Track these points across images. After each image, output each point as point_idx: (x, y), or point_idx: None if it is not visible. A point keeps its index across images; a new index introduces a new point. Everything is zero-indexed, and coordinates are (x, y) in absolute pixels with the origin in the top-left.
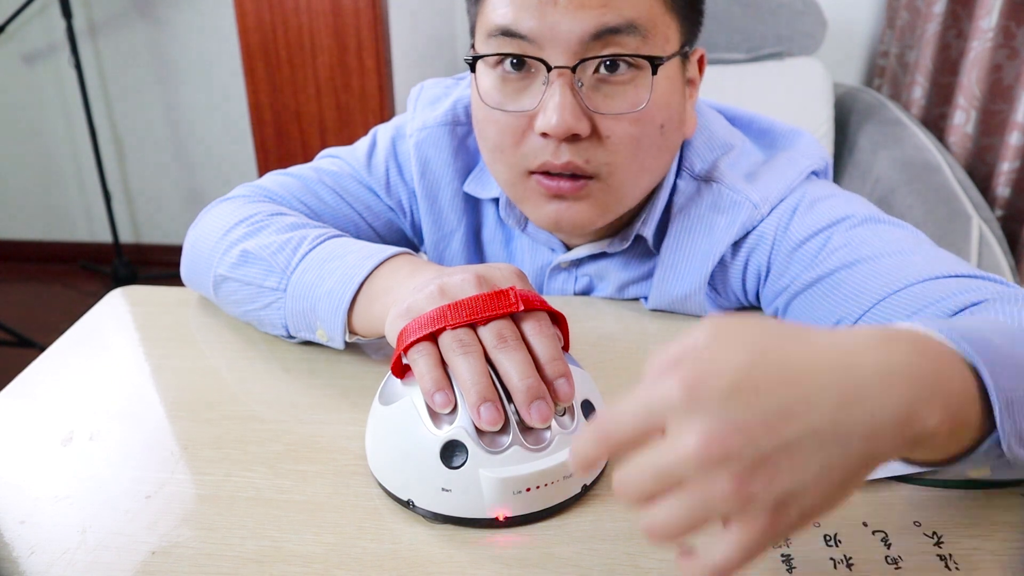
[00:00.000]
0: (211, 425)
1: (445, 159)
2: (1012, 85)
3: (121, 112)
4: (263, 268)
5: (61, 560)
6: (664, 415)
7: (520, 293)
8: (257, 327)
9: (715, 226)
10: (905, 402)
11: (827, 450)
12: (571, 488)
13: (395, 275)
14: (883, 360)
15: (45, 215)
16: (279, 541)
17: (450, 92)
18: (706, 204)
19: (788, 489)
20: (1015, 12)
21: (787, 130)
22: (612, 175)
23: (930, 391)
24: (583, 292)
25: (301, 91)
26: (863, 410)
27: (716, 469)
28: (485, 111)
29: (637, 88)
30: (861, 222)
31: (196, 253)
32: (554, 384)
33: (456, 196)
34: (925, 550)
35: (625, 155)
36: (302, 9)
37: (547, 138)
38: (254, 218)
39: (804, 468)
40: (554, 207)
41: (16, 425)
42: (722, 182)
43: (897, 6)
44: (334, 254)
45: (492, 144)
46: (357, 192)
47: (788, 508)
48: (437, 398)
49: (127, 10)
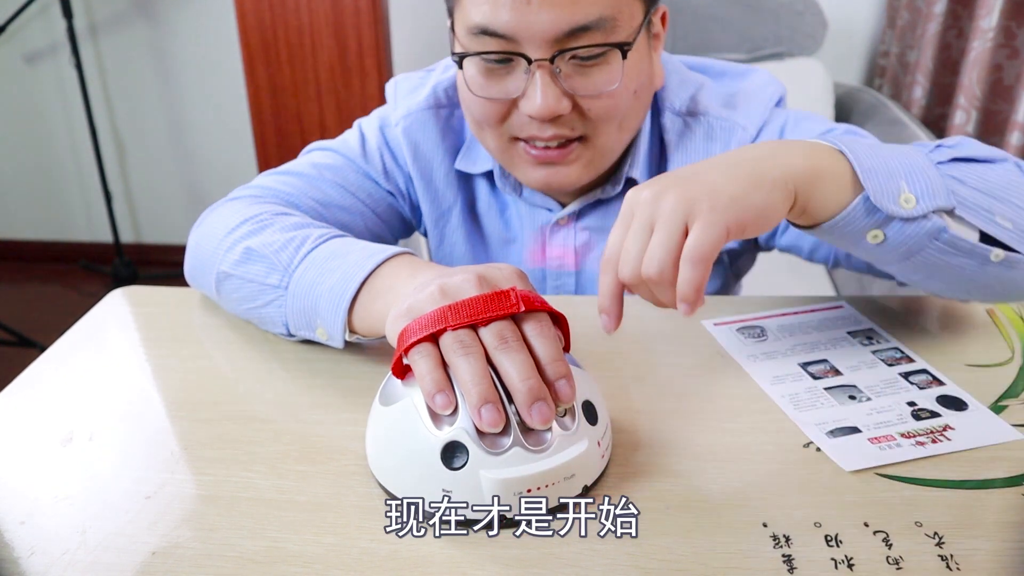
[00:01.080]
0: (211, 425)
1: (434, 140)
2: (1012, 85)
3: (122, 112)
4: (265, 266)
5: (61, 560)
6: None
7: (521, 294)
8: (258, 326)
9: (713, 153)
10: (780, 155)
11: (723, 172)
12: (572, 489)
13: (396, 275)
14: (770, 143)
15: (45, 215)
16: (279, 541)
17: (425, 81)
18: (700, 136)
19: (708, 191)
20: (1015, 12)
21: (742, 68)
22: (596, 137)
23: (801, 154)
24: (583, 248)
25: (301, 91)
26: (751, 156)
27: (663, 198)
28: (469, 94)
29: (610, 67)
30: (842, 134)
31: (199, 251)
32: (555, 385)
33: (449, 174)
34: (926, 551)
35: (605, 121)
36: (302, 9)
37: (533, 119)
38: (259, 217)
39: (713, 183)
40: (543, 171)
41: (16, 425)
42: (708, 114)
43: (897, 6)
44: (336, 253)
45: (479, 119)
46: (359, 182)
47: (715, 200)
48: (438, 399)
49: (128, 10)
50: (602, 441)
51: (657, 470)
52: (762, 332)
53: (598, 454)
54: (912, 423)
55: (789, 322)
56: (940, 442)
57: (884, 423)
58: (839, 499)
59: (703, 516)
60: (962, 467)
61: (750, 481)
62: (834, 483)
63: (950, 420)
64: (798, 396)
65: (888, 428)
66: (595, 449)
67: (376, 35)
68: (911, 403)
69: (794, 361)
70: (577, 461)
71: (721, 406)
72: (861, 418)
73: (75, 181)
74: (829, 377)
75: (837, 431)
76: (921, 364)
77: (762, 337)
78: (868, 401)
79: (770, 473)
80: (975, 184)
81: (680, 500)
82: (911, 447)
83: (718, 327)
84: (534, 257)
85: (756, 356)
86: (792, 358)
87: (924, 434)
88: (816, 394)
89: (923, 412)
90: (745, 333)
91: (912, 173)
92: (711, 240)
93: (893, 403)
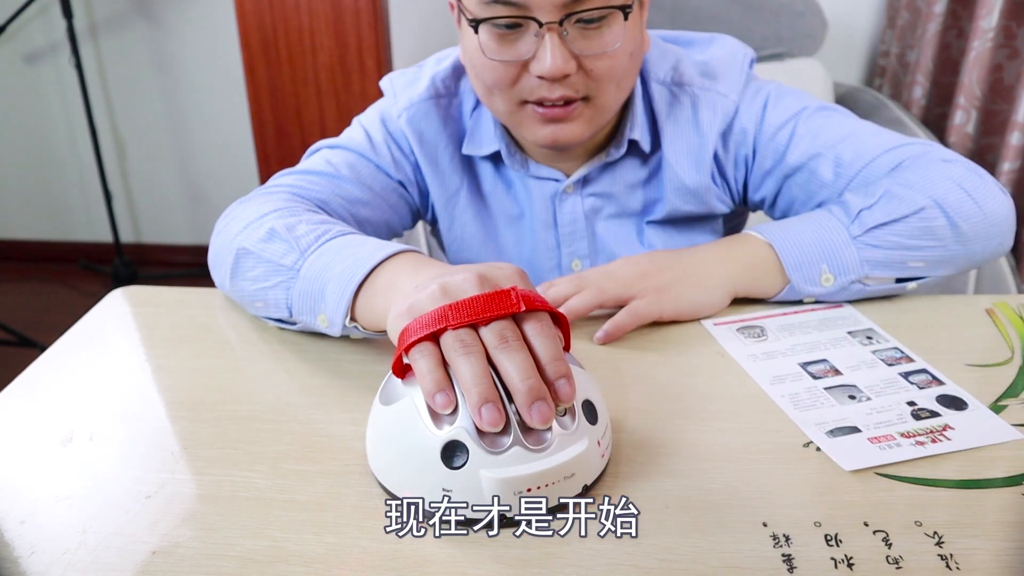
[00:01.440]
0: (211, 425)
1: (437, 128)
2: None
3: (122, 112)
4: (285, 247)
5: (61, 560)
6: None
7: (521, 293)
8: (260, 310)
9: (701, 122)
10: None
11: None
12: (572, 488)
13: (399, 271)
14: (720, 249)
15: (45, 215)
16: (279, 541)
17: (421, 74)
18: (688, 106)
19: (656, 282)
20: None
21: (707, 36)
22: (597, 97)
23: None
24: (592, 214)
25: (301, 91)
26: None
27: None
28: (483, 59)
29: (612, 29)
30: (815, 111)
31: (226, 232)
32: (555, 384)
33: (454, 158)
34: (926, 550)
35: (606, 81)
36: (302, 9)
37: (543, 80)
38: (292, 208)
39: (671, 278)
40: (550, 128)
41: (16, 425)
42: (693, 85)
43: (897, 6)
44: (352, 243)
45: (490, 84)
46: (373, 175)
47: (667, 293)
48: (438, 399)
49: (128, 10)
50: (602, 441)
51: (657, 470)
52: (762, 332)
53: (598, 454)
54: (912, 423)
55: (789, 322)
56: (940, 442)
57: (884, 423)
58: (839, 499)
59: (703, 516)
60: (962, 467)
61: (750, 481)
62: (834, 483)
63: (950, 420)
64: (798, 396)
65: (888, 428)
66: (595, 449)
67: (376, 35)
68: (911, 403)
69: (794, 361)
70: (577, 461)
71: (721, 406)
72: (861, 418)
73: (75, 181)
74: (829, 377)
75: (837, 431)
76: (921, 364)
77: (762, 337)
78: (868, 401)
79: (770, 473)
80: (890, 244)
81: (680, 500)
82: (911, 447)
83: (718, 327)
84: (546, 227)
85: (756, 356)
86: (792, 358)
87: (924, 434)
88: (816, 394)
89: (923, 412)
90: (745, 333)
91: (832, 255)
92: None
93: (893, 403)
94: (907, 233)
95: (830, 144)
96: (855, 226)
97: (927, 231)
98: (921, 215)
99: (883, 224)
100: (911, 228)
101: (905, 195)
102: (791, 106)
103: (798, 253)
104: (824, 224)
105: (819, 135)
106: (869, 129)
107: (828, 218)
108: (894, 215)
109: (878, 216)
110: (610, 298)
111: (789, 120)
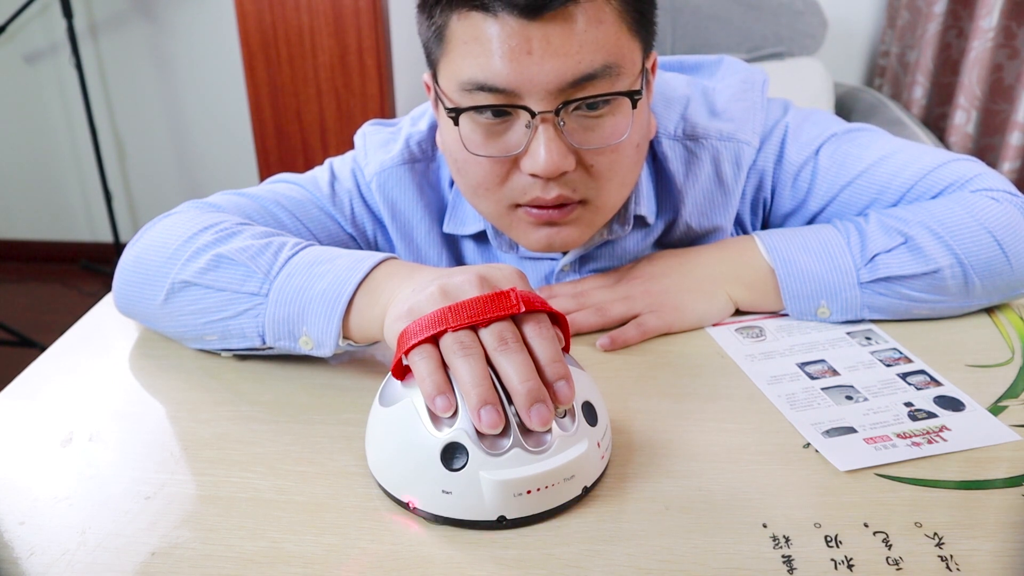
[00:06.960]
0: (211, 425)
1: (411, 198)
2: (1013, 85)
3: (122, 112)
4: (241, 272)
5: (61, 561)
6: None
7: (521, 294)
8: (215, 342)
9: (725, 178)
10: (719, 272)
11: (674, 279)
12: (572, 490)
13: (392, 277)
14: (723, 260)
15: (46, 215)
16: (279, 542)
17: (397, 135)
18: (707, 162)
19: (660, 293)
20: (1016, 12)
21: (712, 59)
22: (598, 197)
23: (734, 270)
24: None
25: (301, 91)
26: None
27: (641, 299)
28: (465, 154)
29: (615, 119)
30: (842, 135)
31: (144, 265)
32: (554, 386)
33: (431, 233)
34: (926, 551)
35: (608, 179)
36: (302, 9)
37: (536, 178)
38: (221, 225)
39: (675, 289)
40: (544, 232)
41: (16, 425)
42: (709, 136)
43: (898, 6)
44: (320, 258)
45: (476, 183)
46: (318, 217)
47: (664, 304)
48: (438, 402)
49: (127, 10)
50: (602, 442)
51: (657, 470)
52: (761, 332)
53: (598, 455)
54: (908, 423)
55: (788, 322)
56: (936, 443)
57: (880, 423)
58: (839, 499)
59: (703, 516)
60: (962, 468)
61: (750, 481)
62: (834, 483)
63: (947, 421)
64: (795, 396)
65: (884, 428)
66: (595, 450)
67: (376, 35)
68: (908, 403)
69: (792, 361)
70: (577, 462)
71: (720, 406)
72: (857, 418)
73: (75, 181)
74: (827, 377)
75: (833, 431)
76: (919, 364)
77: (760, 337)
78: (865, 401)
79: (770, 473)
80: (898, 296)
81: (680, 500)
82: (907, 447)
83: (717, 327)
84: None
85: (755, 356)
86: (790, 358)
87: (920, 435)
88: (813, 394)
89: (920, 413)
90: (744, 333)
91: (834, 293)
92: (656, 330)
93: (890, 403)
94: (919, 288)
95: (863, 170)
96: (866, 271)
97: (941, 289)
98: (939, 275)
99: (896, 277)
100: (924, 284)
101: (928, 248)
102: (813, 138)
103: (799, 284)
104: (834, 256)
105: (850, 164)
106: (906, 149)
107: (841, 251)
108: (909, 270)
109: (892, 267)
110: (613, 320)
111: (811, 157)
